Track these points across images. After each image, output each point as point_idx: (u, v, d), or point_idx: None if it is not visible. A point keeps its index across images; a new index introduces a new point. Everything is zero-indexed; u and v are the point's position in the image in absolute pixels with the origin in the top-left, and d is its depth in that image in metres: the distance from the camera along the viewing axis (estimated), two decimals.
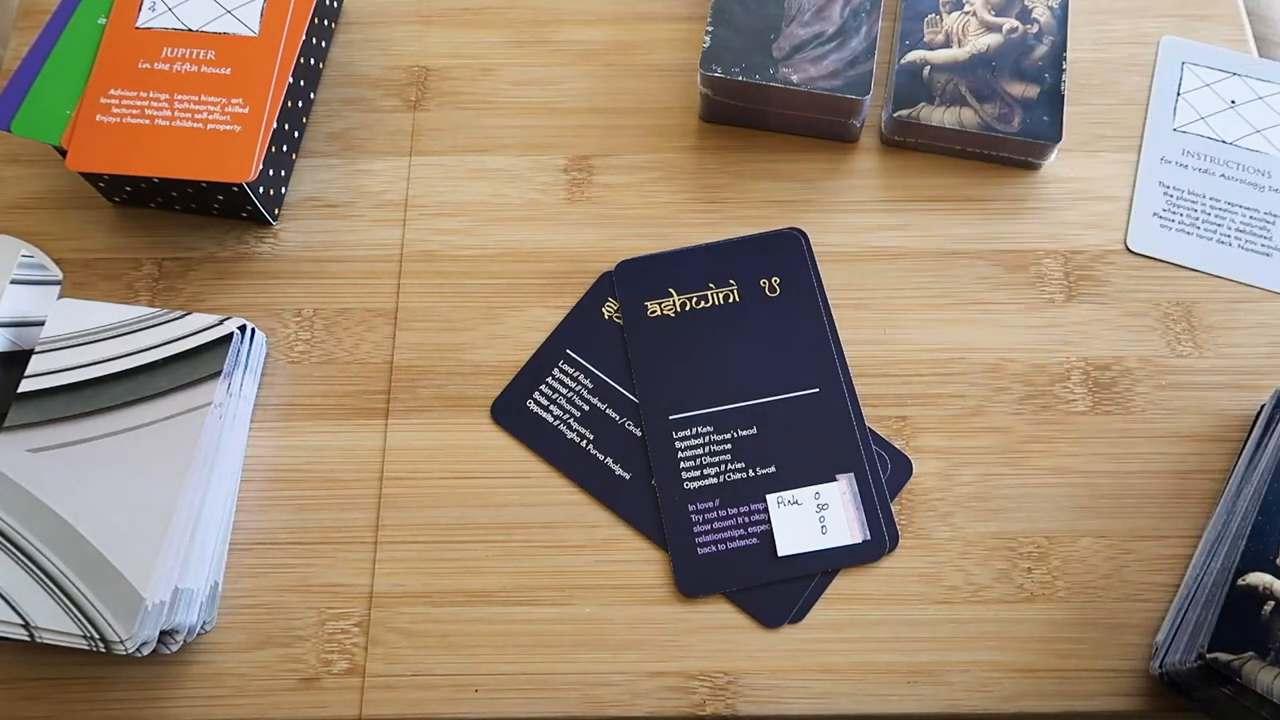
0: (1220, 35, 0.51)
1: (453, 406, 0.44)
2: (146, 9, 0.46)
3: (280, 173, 0.47)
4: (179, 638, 0.38)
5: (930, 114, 0.47)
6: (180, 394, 0.40)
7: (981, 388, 0.44)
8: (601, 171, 0.48)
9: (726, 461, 0.42)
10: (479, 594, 0.41)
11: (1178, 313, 0.45)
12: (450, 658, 0.40)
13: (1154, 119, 0.49)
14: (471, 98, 0.50)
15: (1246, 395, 0.44)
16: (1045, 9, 0.49)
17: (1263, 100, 0.49)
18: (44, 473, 0.39)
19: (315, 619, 0.40)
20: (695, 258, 0.46)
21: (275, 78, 0.45)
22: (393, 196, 0.48)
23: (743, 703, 0.39)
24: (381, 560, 0.41)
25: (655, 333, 0.45)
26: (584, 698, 0.39)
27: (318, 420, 0.44)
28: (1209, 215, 0.47)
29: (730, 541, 0.41)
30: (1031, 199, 0.48)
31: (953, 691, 0.39)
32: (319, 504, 0.42)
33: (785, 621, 0.40)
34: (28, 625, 0.36)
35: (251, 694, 0.39)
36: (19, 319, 0.43)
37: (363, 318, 0.46)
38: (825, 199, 0.48)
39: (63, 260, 0.47)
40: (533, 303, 0.46)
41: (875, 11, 0.47)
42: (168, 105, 0.44)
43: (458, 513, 0.42)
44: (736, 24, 0.47)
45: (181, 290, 0.46)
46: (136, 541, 0.37)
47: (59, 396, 0.40)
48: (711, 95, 0.48)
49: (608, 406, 0.44)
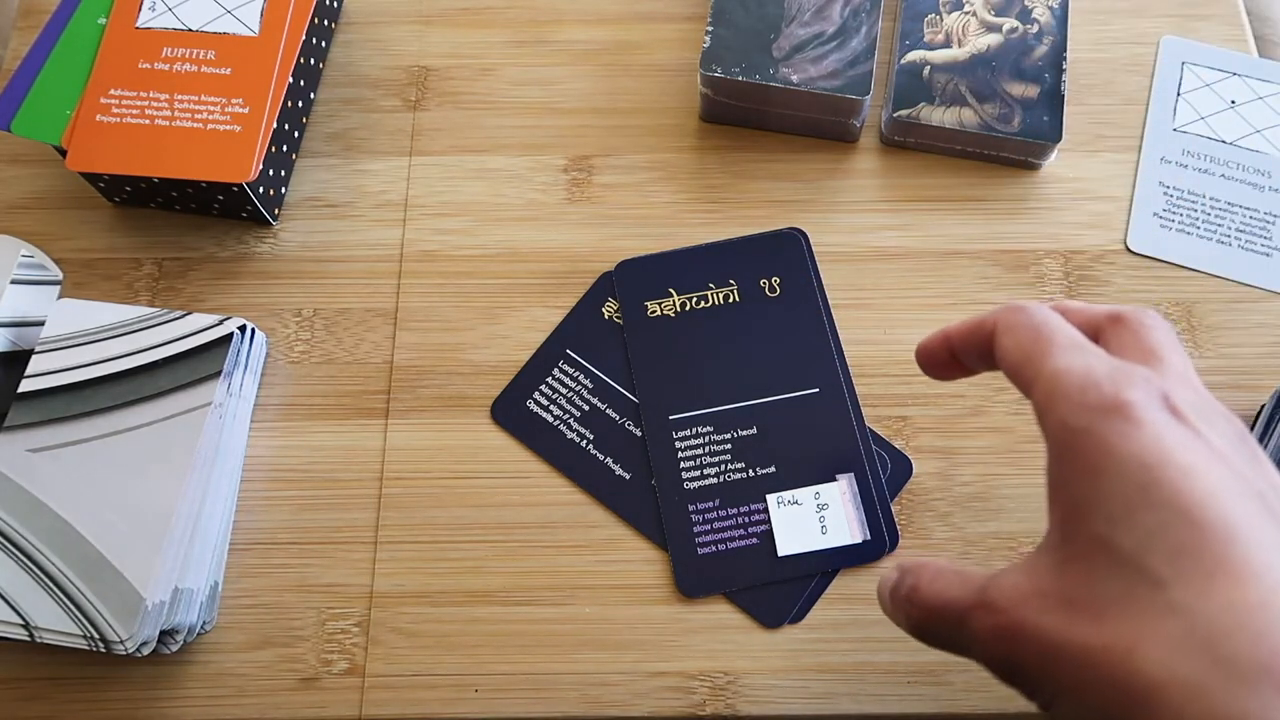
0: (1220, 35, 0.51)
1: (453, 406, 0.44)
2: (146, 9, 0.46)
3: (280, 173, 0.47)
4: (179, 638, 0.38)
5: (930, 114, 0.47)
6: (180, 394, 0.40)
7: (981, 388, 0.44)
8: (601, 171, 0.48)
9: (726, 461, 0.42)
10: (479, 594, 0.41)
11: (1178, 313, 0.45)
12: (450, 658, 0.40)
13: (1154, 119, 0.49)
14: (471, 98, 0.50)
15: (1246, 395, 0.44)
16: (1045, 9, 0.49)
17: (1263, 100, 0.49)
18: (44, 473, 0.39)
19: (315, 619, 0.40)
20: (695, 258, 0.46)
21: (275, 78, 0.45)
22: (393, 196, 0.48)
23: (743, 703, 0.39)
24: (381, 560, 0.41)
25: (655, 333, 0.45)
26: (584, 698, 0.39)
27: (318, 420, 0.44)
28: (1209, 215, 0.47)
29: (730, 541, 0.41)
30: (1031, 199, 0.48)
31: (953, 692, 0.39)
32: (319, 504, 0.42)
33: (785, 621, 0.40)
34: (28, 625, 0.36)
35: (251, 694, 0.39)
36: (19, 319, 0.43)
37: (363, 318, 0.46)
38: (825, 199, 0.48)
39: (63, 260, 0.47)
40: (533, 303, 0.46)
41: (875, 11, 0.47)
42: (168, 105, 0.44)
43: (458, 513, 0.42)
44: (736, 24, 0.47)
45: (181, 290, 0.46)
46: (136, 541, 0.37)
47: (59, 396, 0.40)
48: (711, 95, 0.48)
49: (608, 406, 0.44)
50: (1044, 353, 0.27)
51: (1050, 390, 0.27)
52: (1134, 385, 0.25)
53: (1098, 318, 0.30)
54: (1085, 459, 0.25)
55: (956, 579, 0.29)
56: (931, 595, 0.29)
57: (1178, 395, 0.26)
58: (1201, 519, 0.23)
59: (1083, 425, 0.25)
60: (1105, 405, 0.25)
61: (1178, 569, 0.23)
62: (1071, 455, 0.26)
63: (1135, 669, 0.23)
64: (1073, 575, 0.25)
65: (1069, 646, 0.24)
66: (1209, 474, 0.24)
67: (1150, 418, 0.25)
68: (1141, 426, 0.25)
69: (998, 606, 0.26)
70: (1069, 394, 0.26)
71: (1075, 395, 0.26)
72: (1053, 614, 0.25)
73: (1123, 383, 0.25)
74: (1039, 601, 0.26)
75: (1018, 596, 0.26)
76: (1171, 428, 0.25)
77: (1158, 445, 0.24)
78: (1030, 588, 0.26)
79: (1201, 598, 0.23)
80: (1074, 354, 0.27)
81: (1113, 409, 0.25)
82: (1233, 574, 0.23)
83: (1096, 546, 0.25)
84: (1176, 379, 0.27)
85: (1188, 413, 0.25)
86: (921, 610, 0.29)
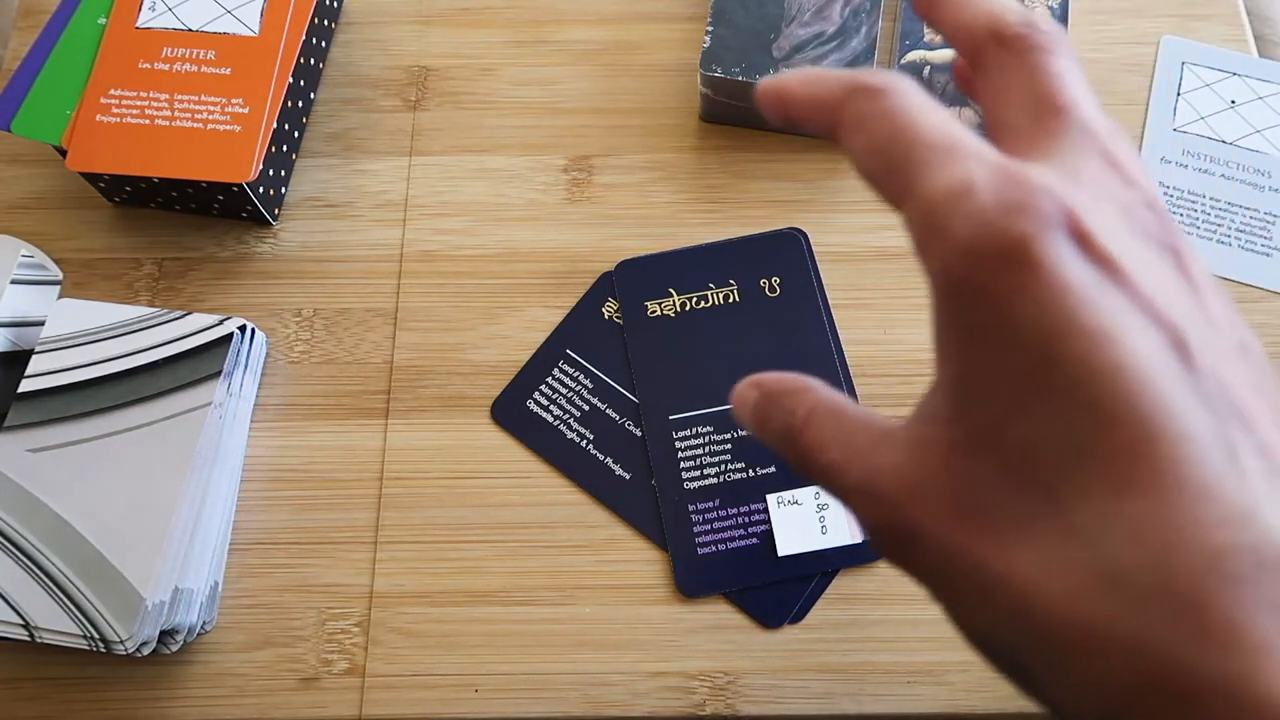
0: (1220, 35, 0.51)
1: (453, 406, 0.44)
2: (146, 9, 0.46)
3: (280, 173, 0.47)
4: (179, 638, 0.38)
5: None
6: (180, 394, 0.40)
7: None
8: (601, 171, 0.48)
9: (726, 461, 0.42)
10: (479, 594, 0.41)
11: None
12: (450, 658, 0.40)
13: (1154, 119, 0.49)
14: (471, 98, 0.50)
15: None
16: (1045, 9, 0.49)
17: (1263, 100, 0.49)
18: (44, 473, 0.39)
19: (315, 619, 0.40)
20: (695, 258, 0.46)
21: (275, 78, 0.45)
22: (393, 196, 0.48)
23: (743, 703, 0.39)
24: (381, 560, 0.41)
25: (655, 333, 0.45)
26: (584, 698, 0.39)
27: (318, 420, 0.44)
28: (1209, 215, 0.47)
29: (730, 541, 0.41)
30: None
31: (953, 691, 0.39)
32: (319, 504, 0.42)
33: (785, 621, 0.40)
34: (28, 625, 0.36)
35: (251, 694, 0.39)
36: (19, 319, 0.43)
37: (363, 318, 0.46)
38: (825, 199, 0.48)
39: (63, 260, 0.47)
40: (533, 303, 0.46)
41: (875, 11, 0.47)
42: (168, 105, 0.44)
43: (458, 513, 0.42)
44: (736, 24, 0.47)
45: (181, 290, 0.46)
46: (136, 541, 0.37)
47: (59, 396, 0.40)
48: (711, 95, 0.48)
49: (608, 406, 0.44)
50: (907, 159, 0.20)
51: (922, 220, 0.20)
52: (1027, 210, 0.19)
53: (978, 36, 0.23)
54: (970, 318, 0.20)
55: (838, 432, 0.23)
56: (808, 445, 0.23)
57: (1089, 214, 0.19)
58: (1112, 411, 0.18)
59: (964, 275, 0.19)
60: (991, 247, 0.19)
61: (1081, 481, 0.18)
62: (956, 310, 0.20)
63: (1038, 608, 0.18)
64: (961, 470, 0.20)
65: (963, 563, 0.20)
66: (1126, 340, 0.18)
67: (1050, 260, 0.18)
68: (1037, 275, 0.18)
69: (882, 497, 0.21)
70: (946, 229, 0.19)
71: (953, 230, 0.19)
72: (943, 520, 0.20)
73: (1013, 207, 0.19)
74: (926, 498, 0.21)
75: (903, 490, 0.21)
76: (1079, 270, 0.19)
77: (1059, 303, 0.18)
78: (916, 478, 0.21)
79: (1108, 521, 0.18)
80: (947, 161, 0.20)
81: (1001, 252, 0.19)
82: (1147, 488, 0.18)
83: (986, 438, 0.20)
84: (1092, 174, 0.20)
85: (1104, 239, 0.19)
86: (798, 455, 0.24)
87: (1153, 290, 0.19)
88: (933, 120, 0.21)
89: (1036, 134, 0.21)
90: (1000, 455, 0.20)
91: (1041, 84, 0.21)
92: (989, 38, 0.22)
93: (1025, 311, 0.19)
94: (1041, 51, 0.22)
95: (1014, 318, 0.19)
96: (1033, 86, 0.22)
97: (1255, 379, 0.19)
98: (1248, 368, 0.20)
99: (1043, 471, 0.19)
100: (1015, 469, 0.19)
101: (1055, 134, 0.21)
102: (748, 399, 0.25)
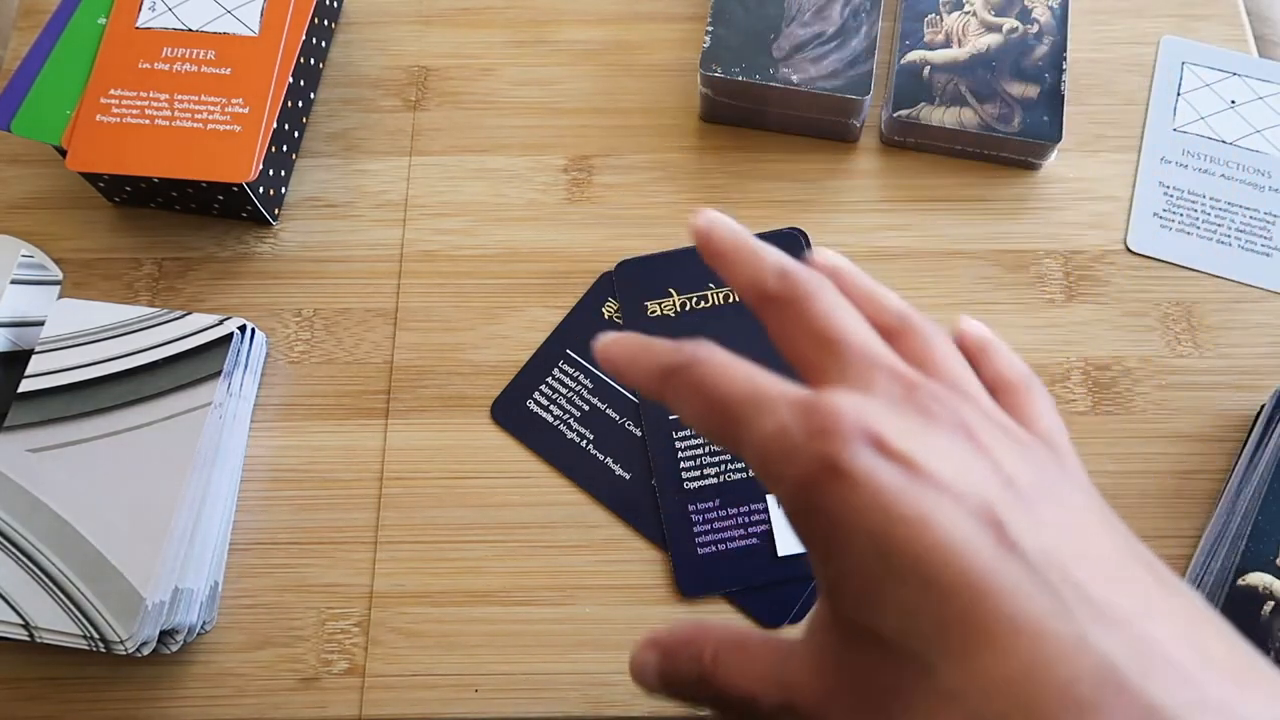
0: (1220, 35, 0.51)
1: (453, 406, 0.44)
2: (146, 9, 0.46)
3: (280, 173, 0.47)
4: (179, 638, 0.38)
5: (930, 114, 0.47)
6: (180, 394, 0.40)
7: None
8: (601, 171, 0.48)
9: (726, 461, 0.42)
10: (479, 594, 0.41)
11: (1178, 313, 0.45)
12: (450, 658, 0.40)
13: (1154, 119, 0.49)
14: (471, 98, 0.50)
15: (1246, 395, 0.44)
16: (1045, 9, 0.49)
17: (1263, 100, 0.49)
18: (44, 473, 0.39)
19: (315, 619, 0.40)
20: (695, 258, 0.46)
21: (275, 78, 0.45)
22: (393, 196, 0.48)
23: None
24: (381, 560, 0.41)
25: (655, 333, 0.45)
26: (584, 698, 0.39)
27: (318, 420, 0.44)
28: (1209, 215, 0.47)
29: (730, 541, 0.41)
30: (1031, 199, 0.48)
31: None
32: (319, 504, 0.42)
33: (785, 621, 0.40)
34: (28, 625, 0.36)
35: (251, 694, 0.39)
36: (19, 319, 0.43)
37: (363, 318, 0.46)
38: (825, 199, 0.48)
39: (63, 260, 0.47)
40: (533, 303, 0.46)
41: (875, 11, 0.47)
42: (168, 105, 0.44)
43: (458, 513, 0.42)
44: (736, 24, 0.47)
45: (181, 290, 0.46)
46: (136, 541, 0.37)
47: (59, 396, 0.40)
48: (711, 95, 0.48)
49: (608, 406, 0.44)
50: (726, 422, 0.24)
51: (759, 468, 0.23)
52: (828, 432, 0.22)
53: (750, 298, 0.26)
54: (819, 534, 0.22)
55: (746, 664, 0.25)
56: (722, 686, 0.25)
57: (883, 423, 0.22)
58: (945, 582, 0.20)
59: (802, 502, 0.22)
60: (811, 473, 0.22)
61: (942, 647, 0.20)
62: (807, 531, 0.23)
63: None
64: (852, 666, 0.22)
65: None
66: (943, 522, 0.21)
67: (859, 469, 0.21)
68: (853, 484, 0.21)
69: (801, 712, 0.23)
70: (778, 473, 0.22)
71: (783, 471, 0.22)
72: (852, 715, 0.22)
73: (816, 433, 0.22)
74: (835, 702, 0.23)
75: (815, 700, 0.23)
76: (886, 472, 0.21)
77: (877, 501, 0.21)
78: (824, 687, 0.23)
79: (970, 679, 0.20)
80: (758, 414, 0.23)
81: (820, 473, 0.21)
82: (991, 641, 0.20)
83: (863, 631, 0.22)
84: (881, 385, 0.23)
85: (900, 442, 0.22)
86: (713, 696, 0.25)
87: (952, 477, 0.21)
88: (737, 379, 0.24)
89: (827, 363, 0.24)
90: (879, 643, 0.22)
91: (814, 325, 0.25)
92: (758, 299, 0.26)
93: (853, 515, 0.21)
94: (804, 300, 0.25)
95: (847, 523, 0.21)
96: (808, 327, 0.25)
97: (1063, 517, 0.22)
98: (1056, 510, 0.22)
99: (910, 650, 0.21)
100: (894, 652, 0.21)
101: (841, 360, 0.24)
102: (648, 662, 0.26)
